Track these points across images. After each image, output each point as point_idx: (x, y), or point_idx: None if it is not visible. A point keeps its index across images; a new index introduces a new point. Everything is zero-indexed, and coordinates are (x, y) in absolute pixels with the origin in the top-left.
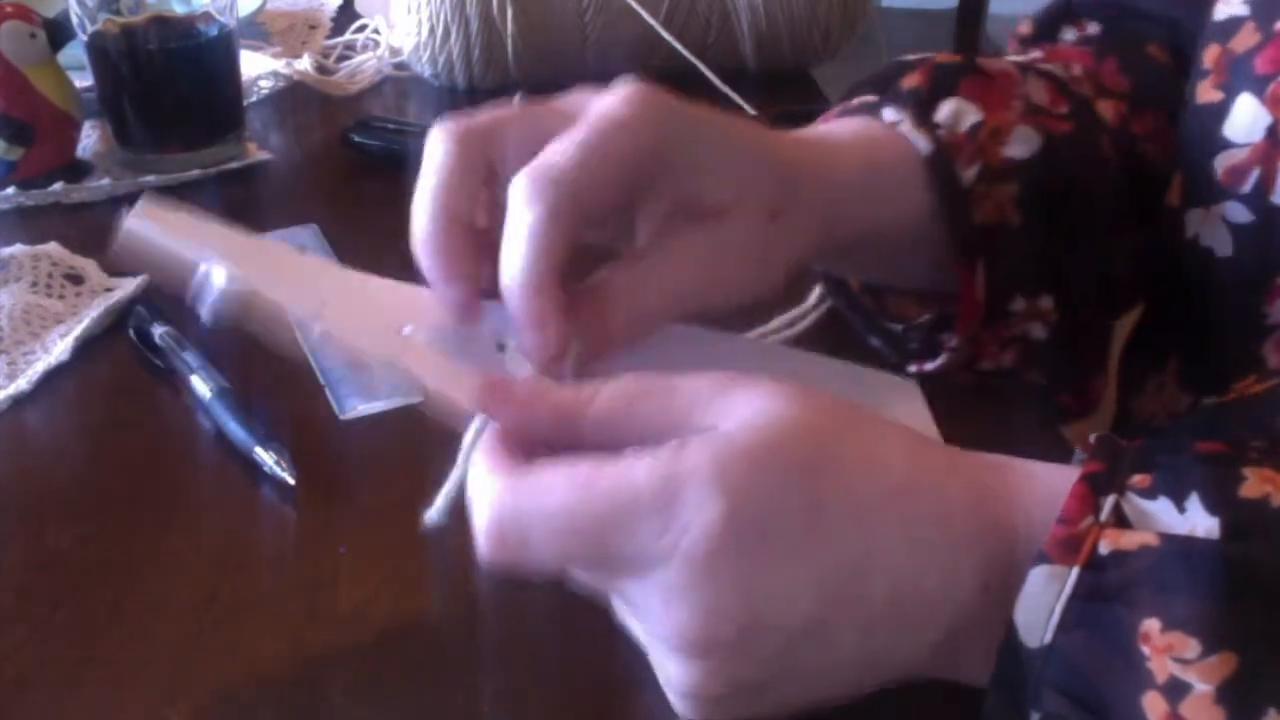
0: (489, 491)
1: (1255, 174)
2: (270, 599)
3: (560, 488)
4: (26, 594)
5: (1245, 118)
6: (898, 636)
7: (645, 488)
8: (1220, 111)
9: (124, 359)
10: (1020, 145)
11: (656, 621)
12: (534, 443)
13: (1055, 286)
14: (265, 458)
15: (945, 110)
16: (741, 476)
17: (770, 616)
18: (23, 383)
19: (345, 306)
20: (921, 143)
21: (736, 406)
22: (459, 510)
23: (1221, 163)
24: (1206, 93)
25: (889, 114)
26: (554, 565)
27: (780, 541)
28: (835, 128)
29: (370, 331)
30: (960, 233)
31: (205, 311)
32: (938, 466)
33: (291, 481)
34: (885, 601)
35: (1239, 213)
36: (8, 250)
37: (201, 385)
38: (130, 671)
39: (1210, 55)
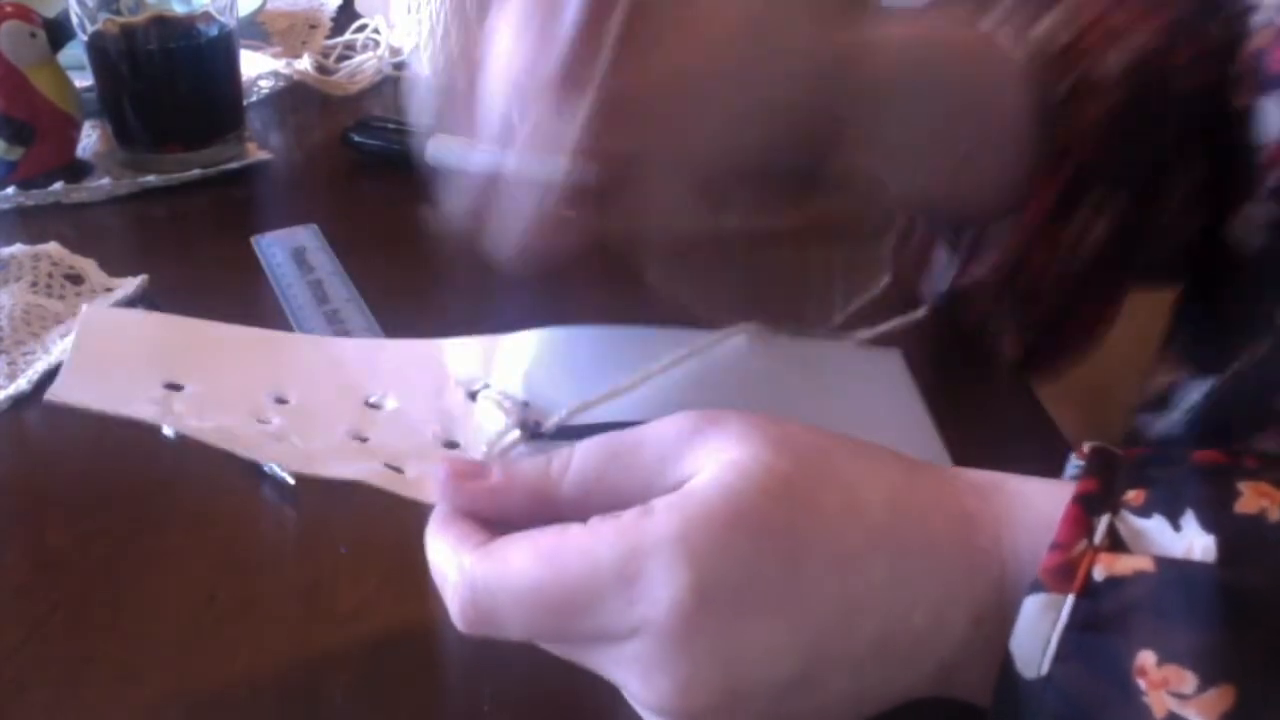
0: (456, 567)
1: (1277, 173)
2: (270, 599)
3: (526, 562)
4: (26, 594)
5: (1270, 118)
6: (889, 671)
7: (608, 561)
8: (1251, 112)
9: None
10: (1114, 61)
11: (636, 690)
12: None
13: (1133, 186)
14: None
15: (1043, 25)
16: (709, 543)
17: (752, 679)
18: (23, 383)
19: (303, 392)
20: (1019, 54)
21: (706, 457)
22: None
23: (1256, 161)
24: (1240, 95)
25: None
26: (524, 637)
27: (756, 605)
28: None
29: (329, 428)
30: (1050, 133)
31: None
32: (921, 499)
33: (291, 481)
34: (874, 642)
35: (1267, 211)
36: (8, 250)
37: None
38: (130, 671)
39: (1241, 58)
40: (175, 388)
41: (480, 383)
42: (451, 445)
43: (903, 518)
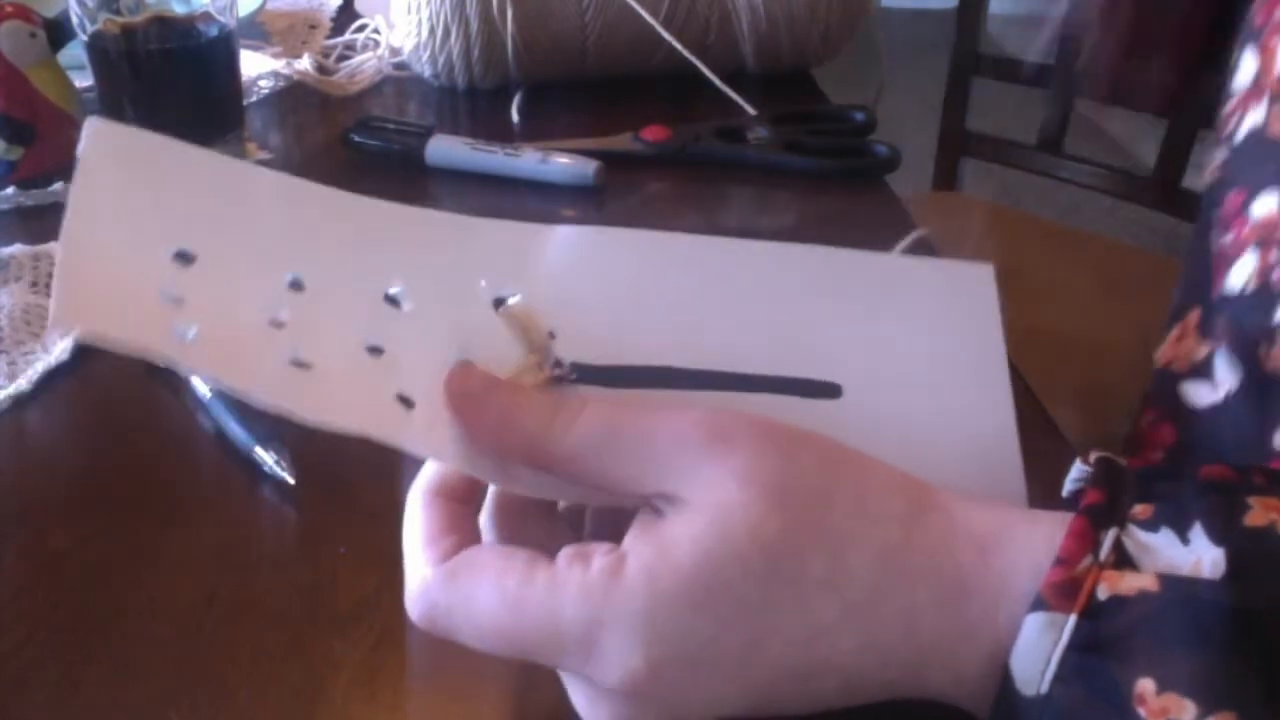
0: (419, 578)
1: (1235, 119)
2: (270, 599)
3: (489, 603)
4: (26, 594)
5: (1247, 68)
6: (853, 702)
7: (570, 623)
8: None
9: (124, 359)
10: None
11: (580, 709)
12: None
13: None
14: (265, 458)
15: None
16: (672, 626)
17: (696, 717)
18: (23, 383)
19: (321, 270)
20: None
21: (701, 486)
22: None
23: None
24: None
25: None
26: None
27: (711, 675)
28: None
29: (342, 332)
30: None
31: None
32: (914, 563)
33: (291, 481)
34: (837, 689)
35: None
36: (8, 250)
37: (201, 384)
38: (130, 671)
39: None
40: (186, 258)
41: (510, 286)
42: None
43: (885, 589)
